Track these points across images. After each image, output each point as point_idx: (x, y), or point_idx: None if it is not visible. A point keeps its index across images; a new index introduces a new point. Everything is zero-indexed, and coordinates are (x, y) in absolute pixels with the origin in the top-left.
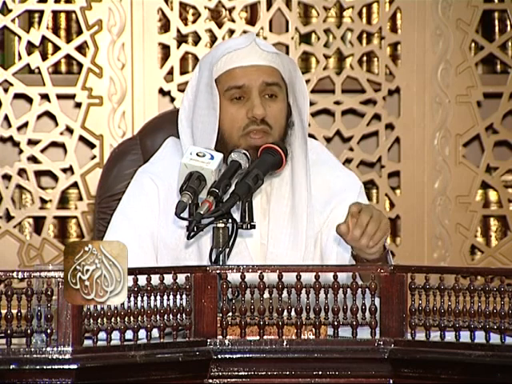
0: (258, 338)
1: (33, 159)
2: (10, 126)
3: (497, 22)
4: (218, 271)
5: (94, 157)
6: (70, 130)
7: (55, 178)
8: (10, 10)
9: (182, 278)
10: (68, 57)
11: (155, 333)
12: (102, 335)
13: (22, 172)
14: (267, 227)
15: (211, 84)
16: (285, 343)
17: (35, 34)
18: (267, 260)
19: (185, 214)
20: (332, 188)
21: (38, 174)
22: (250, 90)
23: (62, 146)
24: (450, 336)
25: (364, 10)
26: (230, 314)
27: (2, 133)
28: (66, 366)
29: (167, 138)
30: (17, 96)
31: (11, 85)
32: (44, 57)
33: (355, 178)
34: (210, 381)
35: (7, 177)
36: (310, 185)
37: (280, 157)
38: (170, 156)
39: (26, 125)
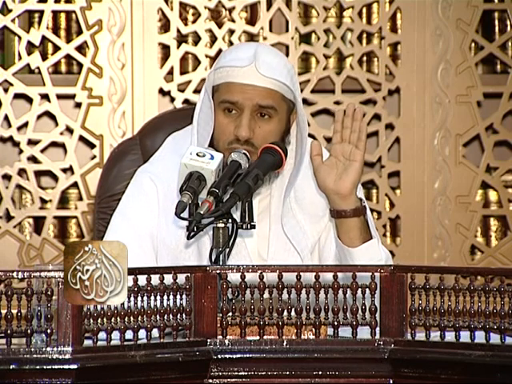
0: (258, 338)
1: (33, 159)
2: (10, 126)
3: (497, 22)
4: (218, 271)
5: (94, 157)
6: (70, 130)
7: (55, 177)
8: (10, 10)
9: (182, 278)
10: (68, 57)
11: (155, 333)
12: (102, 335)
13: (22, 172)
14: (266, 227)
15: (209, 91)
16: (285, 343)
17: (35, 34)
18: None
19: (185, 214)
20: None
21: (38, 173)
22: (242, 108)
23: (62, 146)
24: (450, 336)
25: (364, 10)
26: (230, 314)
27: (2, 133)
28: (66, 366)
29: (167, 137)
30: (17, 96)
31: (11, 85)
32: (44, 57)
33: None
34: (210, 381)
35: (7, 177)
36: (310, 185)
37: (280, 157)
38: (170, 156)
39: (26, 125)
